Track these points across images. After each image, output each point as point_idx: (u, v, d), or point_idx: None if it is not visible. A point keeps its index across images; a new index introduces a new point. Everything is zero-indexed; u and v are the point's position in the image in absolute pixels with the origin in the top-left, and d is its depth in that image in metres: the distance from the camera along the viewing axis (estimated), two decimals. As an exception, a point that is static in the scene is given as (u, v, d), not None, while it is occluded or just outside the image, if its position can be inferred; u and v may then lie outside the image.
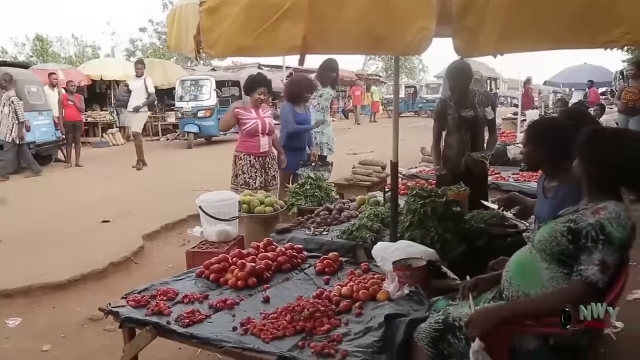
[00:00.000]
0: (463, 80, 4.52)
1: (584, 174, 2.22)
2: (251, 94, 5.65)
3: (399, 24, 2.18)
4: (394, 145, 3.50)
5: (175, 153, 15.01)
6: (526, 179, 6.35)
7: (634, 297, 3.94)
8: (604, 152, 2.15)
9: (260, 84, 5.66)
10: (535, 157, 2.83)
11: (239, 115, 5.58)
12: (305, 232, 4.10)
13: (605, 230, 2.00)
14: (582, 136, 2.25)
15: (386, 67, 48.43)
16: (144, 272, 5.17)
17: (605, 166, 2.13)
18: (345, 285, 2.97)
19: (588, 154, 2.20)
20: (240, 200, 4.88)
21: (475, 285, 2.44)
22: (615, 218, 2.02)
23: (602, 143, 2.17)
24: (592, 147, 2.19)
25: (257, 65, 22.40)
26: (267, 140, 5.68)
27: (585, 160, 2.21)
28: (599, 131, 2.26)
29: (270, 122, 5.71)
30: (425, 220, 3.44)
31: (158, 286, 3.13)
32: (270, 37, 2.28)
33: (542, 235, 2.19)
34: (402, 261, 2.93)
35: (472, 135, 4.55)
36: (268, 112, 5.79)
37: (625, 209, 2.09)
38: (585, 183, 2.23)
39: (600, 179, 2.16)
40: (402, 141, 3.81)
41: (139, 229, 6.28)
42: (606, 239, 2.00)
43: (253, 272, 3.22)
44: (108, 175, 10.58)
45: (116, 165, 12.18)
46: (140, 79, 11.27)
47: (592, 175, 2.18)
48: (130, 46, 39.83)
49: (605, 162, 2.13)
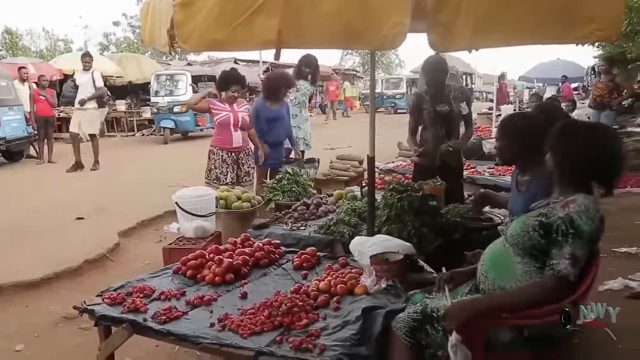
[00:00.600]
0: (439, 75, 4.55)
1: (556, 168, 2.25)
2: (225, 91, 5.62)
3: (374, 18, 2.19)
4: (371, 140, 3.51)
5: (151, 149, 14.84)
6: (501, 173, 6.43)
7: (605, 288, 4.02)
8: (578, 146, 2.17)
9: (234, 82, 5.62)
10: (508, 152, 2.89)
11: (211, 105, 5.55)
12: (283, 227, 4.09)
13: (575, 224, 2.03)
14: (555, 130, 2.28)
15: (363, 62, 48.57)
16: (119, 270, 5.11)
17: (578, 161, 2.16)
18: (323, 280, 2.98)
19: (561, 148, 2.23)
20: (217, 196, 4.85)
21: (451, 278, 2.47)
22: (584, 211, 2.05)
23: (575, 138, 2.20)
24: (565, 141, 2.22)
25: (233, 60, 22.22)
26: (240, 135, 5.65)
27: (558, 155, 2.23)
28: (572, 125, 2.28)
29: (244, 117, 5.67)
30: (402, 214, 3.46)
31: (134, 283, 3.10)
32: (245, 31, 2.26)
33: (515, 230, 2.22)
34: (379, 255, 2.94)
35: (447, 130, 4.58)
36: (243, 107, 5.75)
37: (595, 201, 2.12)
38: (556, 176, 2.26)
39: (572, 173, 2.19)
40: (379, 136, 3.83)
41: (114, 225, 6.20)
42: (576, 232, 2.03)
43: (230, 268, 3.20)
44: (82, 172, 10.40)
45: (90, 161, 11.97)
46: (88, 72, 10.24)
47: (564, 169, 2.21)
48: (103, 40, 39.29)
49: (578, 156, 2.16)
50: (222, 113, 5.55)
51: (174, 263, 3.45)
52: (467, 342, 2.00)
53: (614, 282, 4.08)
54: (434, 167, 4.43)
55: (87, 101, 10.12)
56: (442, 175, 4.20)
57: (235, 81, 5.65)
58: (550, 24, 2.41)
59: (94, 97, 10.24)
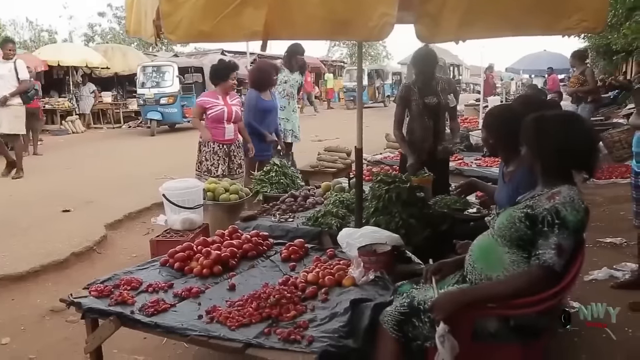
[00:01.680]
0: (428, 67, 4.55)
1: (535, 162, 2.28)
2: (223, 81, 5.56)
3: (361, 9, 2.19)
4: (358, 132, 3.51)
5: (137, 141, 14.71)
6: (488, 164, 6.48)
7: (590, 278, 4.08)
8: (549, 139, 2.20)
9: (232, 69, 5.61)
10: (490, 144, 2.94)
11: (205, 104, 5.52)
12: (271, 219, 4.09)
13: (560, 215, 2.05)
14: (526, 125, 2.30)
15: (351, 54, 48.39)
16: (106, 262, 5.07)
17: (552, 153, 2.18)
18: (311, 272, 2.98)
19: (536, 142, 2.25)
20: (204, 188, 4.83)
21: (439, 269, 2.48)
22: (569, 202, 2.07)
23: (545, 130, 2.22)
24: (539, 135, 2.24)
25: (220, 51, 22.06)
26: (232, 128, 5.63)
27: (534, 149, 2.26)
28: (541, 119, 2.28)
29: (237, 110, 5.65)
30: (389, 206, 3.47)
31: (121, 275, 3.08)
32: (232, 23, 2.25)
33: (502, 222, 2.24)
34: (367, 247, 2.95)
35: (434, 122, 4.59)
36: (236, 100, 5.73)
37: (579, 192, 2.15)
38: (537, 170, 2.29)
39: (551, 165, 2.21)
40: (367, 127, 3.83)
41: (101, 218, 6.15)
42: (561, 223, 2.05)
43: (218, 260, 3.20)
44: (68, 164, 10.30)
45: (76, 153, 11.87)
46: (9, 62, 8.55)
47: (543, 162, 2.24)
48: (88, 31, 38.71)
49: (551, 149, 2.18)
50: (216, 108, 5.51)
51: (161, 255, 3.44)
52: (454, 332, 2.02)
53: (599, 272, 4.13)
54: (421, 159, 4.44)
55: (10, 97, 8.47)
56: (429, 166, 4.22)
57: (233, 67, 5.63)
58: (536, 15, 2.43)
59: (17, 92, 8.60)
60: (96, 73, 19.10)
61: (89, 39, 37.41)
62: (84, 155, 11.54)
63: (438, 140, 4.62)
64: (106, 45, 24.38)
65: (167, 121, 16.31)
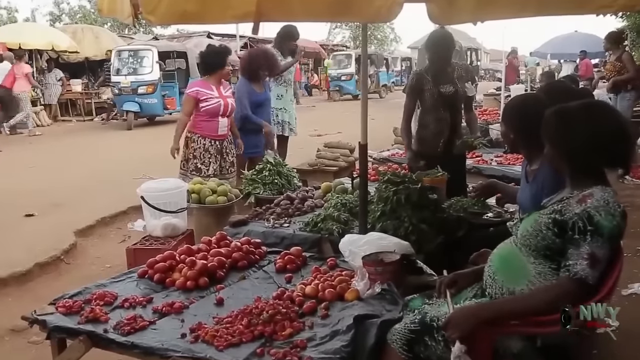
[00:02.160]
0: (444, 52, 4.55)
1: (559, 162, 2.28)
2: (218, 69, 5.55)
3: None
4: (363, 126, 3.51)
5: (112, 135, 14.73)
6: (510, 162, 6.48)
7: (630, 292, 4.03)
8: (574, 134, 2.19)
9: (226, 54, 5.60)
10: (510, 140, 2.95)
11: (199, 96, 5.50)
12: (264, 224, 4.10)
13: (593, 220, 2.05)
14: (546, 120, 2.30)
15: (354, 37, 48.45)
16: (76, 274, 5.08)
17: (579, 150, 2.17)
18: (310, 284, 2.99)
19: (556, 139, 2.25)
20: (189, 189, 4.83)
21: (454, 281, 2.49)
22: (603, 206, 2.07)
23: (569, 124, 2.21)
24: (559, 130, 2.24)
25: (206, 33, 22.11)
26: (226, 122, 5.64)
27: (558, 148, 2.25)
28: (563, 111, 2.28)
29: (232, 102, 5.65)
30: (398, 209, 3.48)
31: (93, 289, 3.08)
32: (220, 2, 2.26)
33: (525, 229, 2.23)
34: (372, 255, 2.96)
35: (451, 114, 4.60)
36: (229, 91, 5.73)
37: (614, 194, 2.14)
38: (564, 171, 2.29)
39: (578, 164, 2.21)
40: (373, 120, 3.84)
41: (70, 223, 6.15)
42: (595, 229, 2.04)
43: (204, 270, 3.20)
44: (32, 162, 10.30)
45: (41, 150, 11.87)
46: None
47: (571, 162, 2.23)
48: (54, 9, 38.64)
49: (578, 145, 2.17)
50: (211, 101, 5.50)
51: (139, 266, 3.44)
52: (472, 353, 2.02)
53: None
54: (435, 155, 4.44)
55: None
56: (443, 164, 4.22)
57: (227, 52, 5.63)
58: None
59: None
60: (64, 58, 19.10)
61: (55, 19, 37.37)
62: (50, 151, 11.54)
63: (455, 134, 4.63)
64: (75, 25, 24.36)
65: (145, 113, 16.34)
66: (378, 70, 27.58)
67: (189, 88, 5.79)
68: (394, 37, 55.66)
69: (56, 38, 17.76)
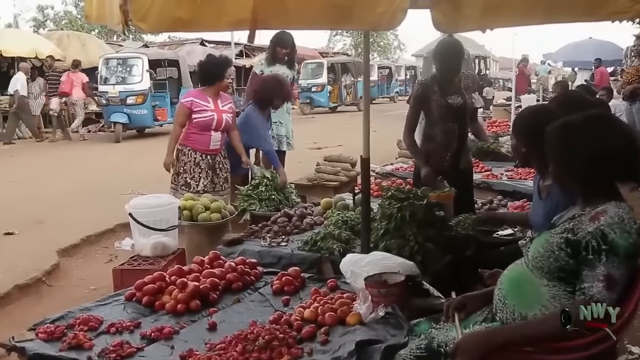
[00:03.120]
0: (453, 62, 4.57)
1: (565, 179, 2.28)
2: (217, 81, 5.57)
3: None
4: (365, 138, 3.52)
5: (99, 148, 14.75)
6: (522, 176, 6.48)
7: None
8: (580, 148, 2.19)
9: (227, 65, 5.63)
10: (521, 154, 2.96)
11: (193, 106, 5.51)
12: (260, 243, 4.09)
13: (608, 239, 2.04)
14: (549, 136, 2.31)
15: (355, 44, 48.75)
16: (59, 297, 5.06)
17: (587, 165, 2.18)
18: (309, 307, 2.98)
19: (562, 155, 2.26)
20: (180, 205, 4.83)
21: (463, 304, 2.48)
22: (617, 223, 2.06)
23: (573, 138, 2.22)
24: (563, 146, 2.25)
25: (199, 41, 22.26)
26: (219, 137, 5.64)
27: (562, 164, 2.27)
28: (566, 125, 2.29)
29: (227, 118, 5.64)
30: (402, 227, 3.48)
31: (77, 313, 3.06)
32: (214, 9, 2.27)
33: (537, 251, 2.23)
34: (376, 276, 2.95)
35: (459, 127, 4.61)
36: (228, 105, 5.71)
37: (630, 210, 2.14)
38: (572, 188, 2.29)
39: (587, 180, 2.21)
40: (375, 132, 3.86)
41: (53, 242, 6.15)
42: (609, 248, 2.04)
43: (196, 293, 3.19)
44: (13, 176, 10.31)
45: (24, 164, 11.88)
46: None
47: (579, 178, 2.23)
48: (38, 15, 38.88)
49: (585, 160, 2.18)
50: (205, 113, 5.51)
51: (126, 288, 3.43)
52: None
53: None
54: (441, 170, 4.45)
55: None
56: (449, 179, 4.23)
57: (228, 63, 5.65)
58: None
59: None
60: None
61: (39, 25, 37.59)
62: (32, 165, 11.55)
63: (463, 147, 4.66)
64: (60, 32, 24.50)
65: (134, 125, 16.37)
66: (356, 79, 26.76)
67: (184, 97, 5.81)
68: (398, 44, 56.03)
69: (40, 45, 17.77)
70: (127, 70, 16.56)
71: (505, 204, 5.03)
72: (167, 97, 16.89)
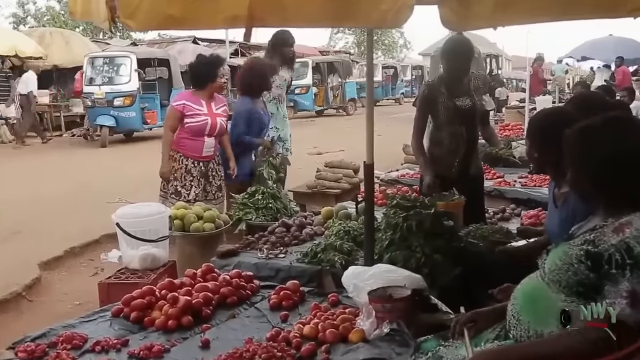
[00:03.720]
0: (462, 62, 4.58)
1: (584, 186, 2.29)
2: (210, 82, 5.56)
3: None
4: (368, 143, 3.53)
5: (83, 153, 14.77)
6: (537, 183, 6.48)
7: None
8: (602, 154, 2.19)
9: (220, 64, 5.62)
10: (535, 159, 2.96)
11: (185, 110, 5.51)
12: (257, 255, 4.09)
13: (633, 252, 2.02)
14: (567, 140, 2.31)
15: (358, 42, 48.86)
16: (40, 313, 5.06)
17: (610, 172, 2.17)
18: (308, 323, 2.98)
19: (581, 161, 2.26)
20: (171, 215, 4.84)
21: (473, 320, 2.48)
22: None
23: (595, 143, 2.22)
24: (584, 151, 2.25)
25: (192, 38, 22.31)
26: (212, 143, 5.64)
27: (582, 170, 2.27)
28: (587, 129, 2.29)
29: (222, 121, 5.65)
30: (409, 237, 3.48)
31: (60, 330, 3.06)
32: (208, 5, 2.28)
33: (554, 263, 2.21)
34: (380, 290, 2.96)
35: (468, 130, 4.62)
36: (222, 108, 5.72)
37: None
38: (591, 196, 2.29)
39: (610, 188, 2.21)
40: (379, 137, 3.87)
41: (33, 254, 6.15)
42: (635, 263, 2.01)
43: (188, 308, 3.19)
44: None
45: (2, 169, 11.88)
46: None
47: (601, 186, 2.23)
48: (18, 10, 38.93)
49: (607, 167, 2.17)
50: (198, 117, 5.51)
51: (113, 303, 3.43)
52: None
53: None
54: (450, 176, 4.46)
55: None
56: (459, 187, 4.24)
57: (220, 62, 5.65)
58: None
59: None
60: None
61: (19, 21, 37.65)
62: (12, 171, 11.56)
63: (472, 151, 4.67)
64: (42, 29, 24.57)
65: (122, 128, 16.40)
66: (344, 80, 26.29)
67: (176, 100, 5.79)
68: (404, 42, 56.20)
69: (20, 43, 17.73)
70: (114, 70, 16.61)
71: (518, 212, 5.03)
72: (157, 98, 16.91)
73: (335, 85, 25.39)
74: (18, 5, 38.83)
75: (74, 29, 27.79)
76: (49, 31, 21.83)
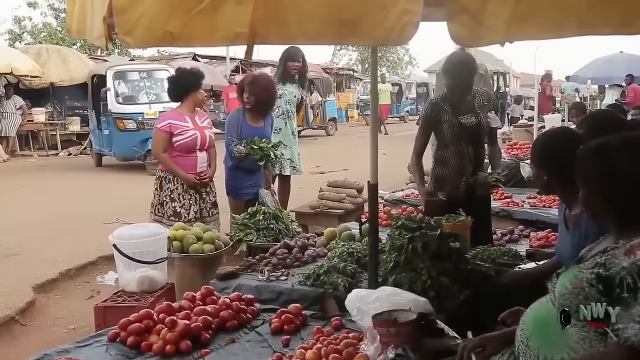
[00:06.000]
0: (465, 78, 4.60)
1: (598, 207, 2.29)
2: (188, 95, 5.60)
3: (375, 5, 2.23)
4: (373, 162, 3.54)
5: (80, 173, 14.79)
6: (546, 204, 6.48)
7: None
8: (614, 174, 2.20)
9: (200, 77, 5.66)
10: (544, 182, 2.96)
11: (172, 130, 5.53)
12: (258, 277, 4.09)
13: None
14: (580, 159, 2.32)
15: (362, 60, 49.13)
16: (34, 338, 5.05)
17: (621, 192, 2.18)
18: (311, 348, 2.97)
19: (593, 181, 2.27)
20: (170, 236, 4.84)
21: (481, 346, 2.48)
22: None
23: (607, 163, 2.23)
24: (595, 171, 2.26)
25: (192, 55, 22.44)
26: (205, 157, 5.68)
27: (593, 190, 2.27)
28: (599, 147, 2.30)
29: (210, 134, 5.70)
30: (414, 260, 3.48)
31: (54, 356, 3.06)
32: (208, 22, 2.29)
33: (564, 287, 2.21)
34: (385, 315, 2.95)
35: (474, 149, 4.63)
36: (206, 121, 5.76)
37: None
38: (605, 217, 2.29)
39: (621, 209, 2.21)
40: (384, 156, 3.88)
41: (28, 277, 6.14)
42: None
43: (187, 332, 3.19)
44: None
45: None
46: None
47: (609, 206, 2.24)
48: (15, 27, 39.19)
49: (618, 187, 2.18)
50: (187, 134, 5.54)
51: (110, 327, 3.43)
52: None
53: None
54: (456, 197, 4.46)
55: None
56: (465, 207, 4.24)
57: (200, 76, 5.68)
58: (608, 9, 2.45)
59: None
60: (25, 83, 19.24)
61: (15, 38, 37.88)
62: (6, 191, 11.57)
63: (479, 171, 4.67)
64: (39, 46, 24.64)
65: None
66: (324, 99, 25.73)
67: (160, 122, 5.80)
68: (409, 59, 56.47)
69: (16, 60, 17.74)
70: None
71: (527, 234, 5.02)
72: (156, 116, 16.88)
73: (315, 105, 24.52)
74: (15, 22, 39.10)
75: (72, 46, 27.95)
76: (46, 48, 21.90)
